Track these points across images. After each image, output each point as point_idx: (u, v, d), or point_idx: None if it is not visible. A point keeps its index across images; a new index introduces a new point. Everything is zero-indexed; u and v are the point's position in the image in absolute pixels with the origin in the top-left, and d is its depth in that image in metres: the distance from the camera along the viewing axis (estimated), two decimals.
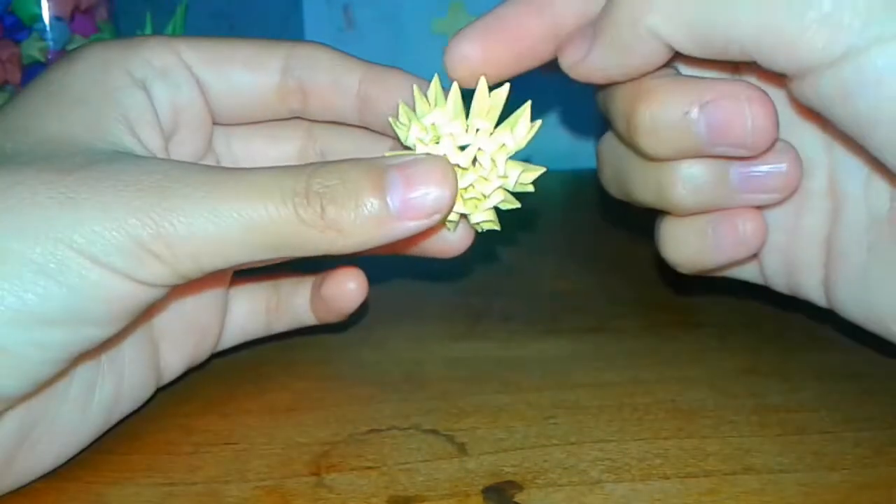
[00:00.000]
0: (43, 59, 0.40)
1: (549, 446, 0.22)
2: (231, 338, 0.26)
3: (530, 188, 0.22)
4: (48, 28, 0.40)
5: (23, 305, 0.17)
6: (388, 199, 0.19)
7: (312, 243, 0.19)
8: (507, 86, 0.21)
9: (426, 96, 0.21)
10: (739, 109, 0.19)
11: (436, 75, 0.21)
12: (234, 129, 0.25)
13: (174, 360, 0.24)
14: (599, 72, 0.21)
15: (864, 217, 0.21)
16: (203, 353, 0.25)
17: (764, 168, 0.21)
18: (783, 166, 0.21)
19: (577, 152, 0.60)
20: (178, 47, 0.22)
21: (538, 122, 0.21)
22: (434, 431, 0.23)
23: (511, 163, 0.21)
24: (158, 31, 0.47)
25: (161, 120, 0.22)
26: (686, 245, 0.23)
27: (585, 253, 0.39)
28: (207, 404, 0.24)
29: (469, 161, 0.21)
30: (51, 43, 0.40)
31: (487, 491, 0.20)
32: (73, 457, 0.21)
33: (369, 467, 0.21)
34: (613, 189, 0.24)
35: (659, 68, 0.21)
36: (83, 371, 0.20)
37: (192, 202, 0.18)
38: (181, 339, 0.24)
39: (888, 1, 0.17)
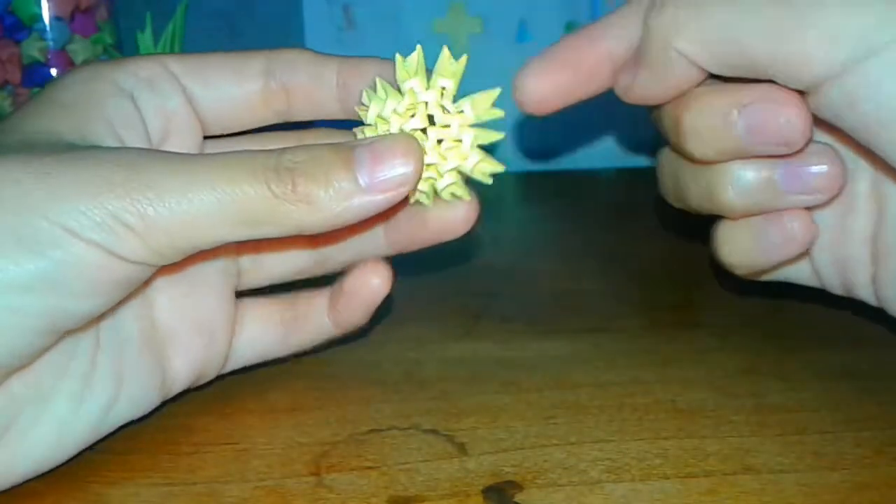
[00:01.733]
0: (43, 59, 0.40)
1: (549, 446, 0.22)
2: (243, 354, 0.26)
3: (488, 180, 0.22)
4: (48, 28, 0.40)
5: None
6: (357, 175, 0.19)
7: (285, 218, 0.19)
8: (465, 56, 0.22)
9: (405, 65, 0.22)
10: (774, 110, 0.21)
11: (418, 46, 0.22)
12: (221, 144, 0.25)
13: (181, 366, 0.23)
14: (646, 94, 0.23)
15: None
16: (212, 362, 0.24)
17: (808, 169, 0.22)
18: (824, 167, 0.22)
19: (577, 153, 0.60)
20: (164, 60, 0.23)
21: (497, 90, 0.22)
22: (434, 431, 0.23)
23: (476, 150, 0.22)
24: (158, 31, 0.47)
25: (149, 127, 0.22)
26: (740, 247, 0.24)
27: (585, 253, 0.39)
28: (208, 404, 0.24)
29: (434, 138, 0.21)
30: (51, 43, 0.40)
31: (487, 491, 0.20)
32: (71, 457, 0.21)
33: (369, 467, 0.21)
34: (672, 199, 0.26)
35: (696, 86, 0.23)
36: (78, 363, 0.20)
37: (167, 177, 0.18)
38: (186, 341, 0.23)
39: (879, 15, 0.19)
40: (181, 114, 0.23)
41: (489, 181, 0.22)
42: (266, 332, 0.26)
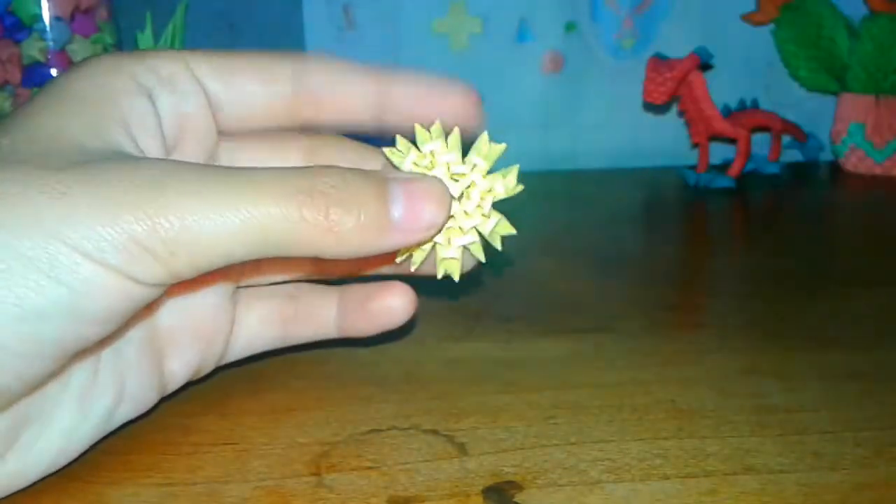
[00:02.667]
0: (43, 60, 0.40)
1: (549, 446, 0.22)
2: (241, 348, 0.26)
3: (521, 186, 0.22)
4: (48, 28, 0.40)
5: (14, 299, 0.17)
6: (391, 210, 0.19)
7: (310, 244, 0.19)
8: (504, 144, 0.22)
9: (428, 130, 0.22)
10: None
11: (437, 119, 0.22)
12: (237, 143, 0.25)
13: (179, 368, 0.23)
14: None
15: None
16: (209, 361, 0.24)
17: None
18: None
19: (576, 153, 0.60)
20: (186, 58, 0.22)
21: (516, 168, 0.22)
22: (434, 431, 0.23)
23: (490, 176, 0.22)
24: (158, 31, 0.47)
25: (164, 128, 0.22)
26: None
27: (585, 253, 0.39)
28: (207, 404, 0.24)
29: (458, 193, 0.22)
30: (51, 43, 0.40)
31: (487, 491, 0.20)
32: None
33: (369, 467, 0.21)
34: None
35: None
36: (81, 374, 0.20)
37: (189, 198, 0.18)
38: (186, 345, 0.23)
39: None
40: (198, 116, 0.23)
41: (499, 247, 0.22)
42: (265, 329, 0.26)
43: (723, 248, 0.41)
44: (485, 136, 0.22)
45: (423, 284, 0.26)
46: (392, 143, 0.22)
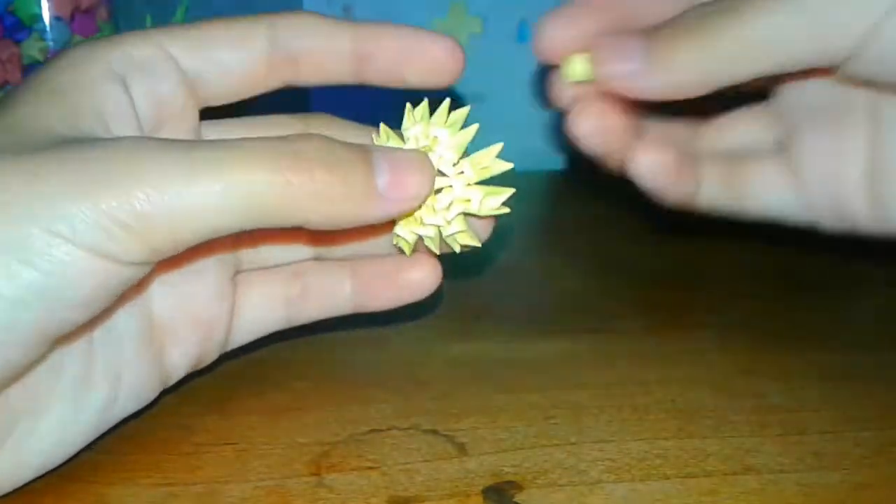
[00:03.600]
0: (43, 60, 0.40)
1: (549, 446, 0.22)
2: (245, 332, 0.25)
3: (504, 210, 0.22)
4: (48, 28, 0.40)
5: None
6: (376, 177, 0.19)
7: (297, 210, 0.18)
8: (466, 108, 0.22)
9: (413, 114, 0.22)
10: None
11: (425, 100, 0.22)
12: (224, 128, 0.24)
13: (179, 358, 0.23)
14: (667, 88, 0.23)
15: None
16: (212, 348, 0.24)
17: None
18: None
19: (576, 153, 0.60)
20: (159, 39, 0.22)
21: (507, 210, 0.22)
22: (434, 431, 0.23)
23: (476, 186, 0.22)
24: None
25: (140, 114, 0.21)
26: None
27: (585, 253, 0.39)
28: (207, 404, 0.24)
29: (437, 186, 0.21)
30: (51, 43, 0.40)
31: (487, 491, 0.20)
32: (71, 457, 0.21)
33: (369, 467, 0.21)
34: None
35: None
36: (74, 364, 0.20)
37: (166, 168, 0.17)
38: (185, 334, 0.23)
39: None
40: (175, 97, 0.22)
41: (507, 210, 0.22)
42: (269, 310, 0.25)
43: (722, 248, 0.41)
44: (494, 149, 0.22)
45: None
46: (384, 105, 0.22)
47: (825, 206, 0.25)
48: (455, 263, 0.25)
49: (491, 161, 0.22)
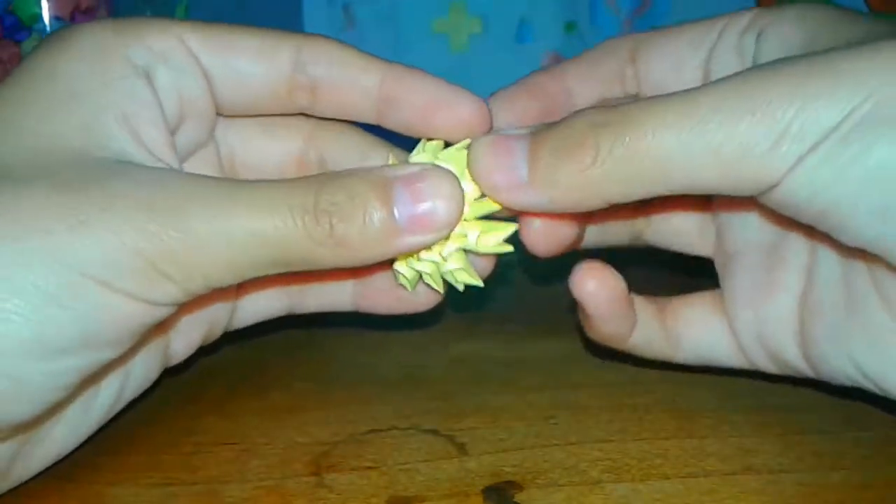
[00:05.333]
0: None
1: (549, 446, 0.22)
2: (245, 319, 0.25)
3: (506, 248, 0.21)
4: (48, 28, 0.40)
5: (37, 336, 0.16)
6: (396, 212, 0.19)
7: (321, 259, 0.19)
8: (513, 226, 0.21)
9: (424, 145, 0.22)
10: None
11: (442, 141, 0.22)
12: (234, 123, 0.24)
13: (181, 347, 0.23)
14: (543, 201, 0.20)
15: (841, 269, 0.21)
16: (213, 334, 0.24)
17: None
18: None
19: None
20: (180, 31, 0.21)
21: (509, 248, 0.21)
22: (434, 431, 0.23)
23: (475, 221, 0.21)
24: None
25: (166, 112, 0.21)
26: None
27: (585, 253, 0.39)
28: (207, 404, 0.24)
29: None
30: None
31: (487, 491, 0.20)
32: (71, 457, 0.21)
33: (369, 467, 0.21)
34: None
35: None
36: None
37: (203, 221, 0.18)
38: (187, 327, 0.23)
39: (802, 122, 0.17)
40: (198, 95, 0.21)
41: (510, 248, 0.22)
42: (270, 301, 0.25)
43: None
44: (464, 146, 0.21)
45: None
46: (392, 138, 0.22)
47: (758, 348, 0.23)
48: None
49: (499, 240, 0.21)
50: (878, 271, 0.19)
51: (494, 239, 0.21)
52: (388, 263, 0.22)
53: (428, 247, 0.20)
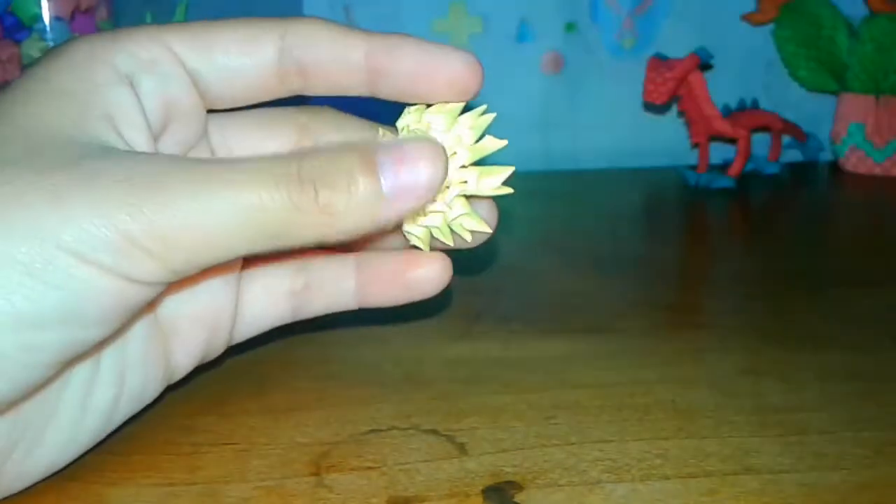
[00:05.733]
0: None
1: (549, 446, 0.22)
2: (249, 327, 0.25)
3: (506, 190, 0.22)
4: (48, 28, 0.40)
5: (11, 308, 0.16)
6: (381, 179, 0.19)
7: (306, 230, 0.19)
8: (492, 115, 0.22)
9: (410, 108, 0.22)
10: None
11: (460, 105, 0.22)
12: (229, 120, 0.24)
13: (182, 356, 0.23)
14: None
15: None
16: (215, 345, 0.24)
17: None
18: None
19: (576, 153, 0.60)
20: (165, 37, 0.21)
21: (509, 190, 0.22)
22: (434, 431, 0.23)
23: (472, 167, 0.21)
24: None
25: (149, 117, 0.21)
26: None
27: (585, 253, 0.39)
28: (207, 404, 0.24)
29: None
30: (51, 43, 0.40)
31: (487, 491, 0.20)
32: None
33: (369, 467, 0.21)
34: None
35: None
36: (79, 375, 0.20)
37: (184, 194, 0.17)
38: (188, 332, 0.23)
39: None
40: (183, 97, 0.22)
41: (510, 190, 0.22)
42: (273, 305, 0.25)
43: (723, 248, 0.41)
44: (486, 119, 0.22)
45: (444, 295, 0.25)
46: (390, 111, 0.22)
47: None
48: (455, 263, 0.25)
49: (497, 182, 0.21)
50: None
51: (494, 181, 0.21)
52: (377, 236, 0.23)
53: (416, 212, 0.21)
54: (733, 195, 0.50)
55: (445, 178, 0.20)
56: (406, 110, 0.22)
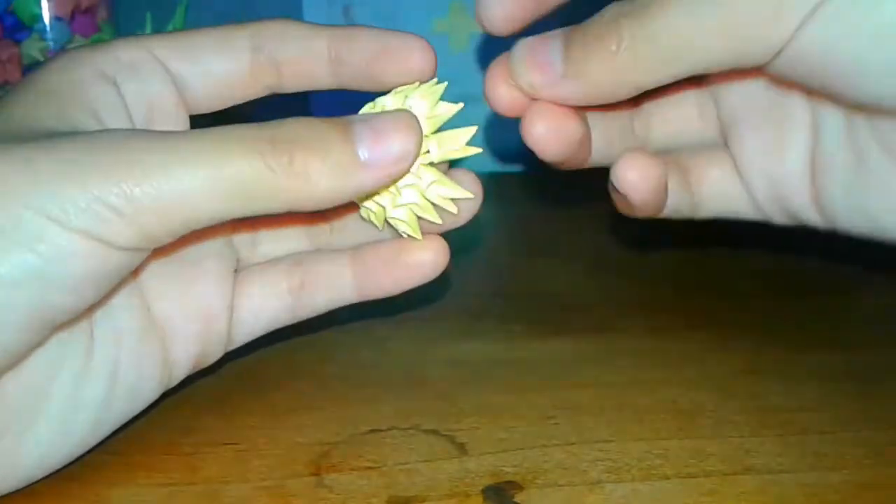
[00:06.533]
0: (43, 59, 0.40)
1: (549, 446, 0.22)
2: (248, 326, 0.25)
3: (474, 150, 0.22)
4: (48, 28, 0.40)
5: None
6: (357, 148, 0.19)
7: (281, 193, 0.19)
8: (444, 84, 0.22)
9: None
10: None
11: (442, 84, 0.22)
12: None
13: (179, 355, 0.23)
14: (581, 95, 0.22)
15: (844, 126, 0.22)
16: (213, 345, 0.24)
17: None
18: None
19: None
20: (147, 43, 0.23)
21: (476, 150, 0.22)
22: (434, 431, 0.23)
23: (432, 136, 0.22)
24: (158, 31, 0.47)
25: (132, 114, 0.22)
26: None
27: (585, 253, 0.39)
28: (207, 404, 0.24)
29: None
30: (51, 43, 0.40)
31: (487, 491, 0.20)
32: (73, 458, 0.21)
33: (369, 467, 0.21)
34: None
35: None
36: (70, 366, 0.20)
37: (156, 156, 0.18)
38: (183, 329, 0.23)
39: None
40: (165, 98, 0.23)
41: (475, 151, 0.22)
42: (271, 303, 0.25)
43: (722, 248, 0.41)
44: (467, 131, 0.22)
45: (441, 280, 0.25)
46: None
47: (772, 204, 0.25)
48: (456, 263, 0.25)
49: (460, 143, 0.22)
50: (881, 123, 0.21)
51: (456, 143, 0.22)
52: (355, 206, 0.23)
53: (391, 182, 0.21)
54: None
55: (420, 147, 0.20)
56: (365, 106, 0.23)
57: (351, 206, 0.23)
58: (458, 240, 0.24)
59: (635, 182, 0.24)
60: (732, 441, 0.22)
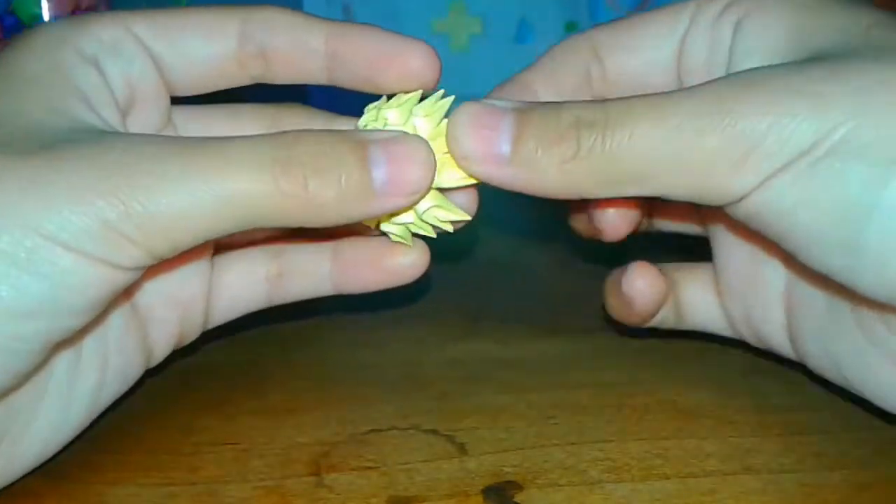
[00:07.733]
0: None
1: (549, 446, 0.22)
2: (225, 311, 0.25)
3: (471, 180, 0.21)
4: None
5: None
6: (373, 174, 0.19)
7: (290, 216, 0.18)
8: (450, 98, 0.22)
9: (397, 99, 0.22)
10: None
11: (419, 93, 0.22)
12: (199, 112, 0.24)
13: (159, 338, 0.23)
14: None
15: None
16: (191, 327, 0.24)
17: None
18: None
19: None
20: (128, 21, 0.22)
21: (473, 180, 0.21)
22: (434, 431, 0.23)
23: (435, 193, 0.21)
24: None
25: (116, 96, 0.21)
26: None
27: (585, 253, 0.39)
28: (207, 404, 0.24)
29: None
30: None
31: (487, 491, 0.20)
32: (71, 457, 0.21)
33: (369, 467, 0.21)
34: None
35: None
36: (64, 362, 0.20)
37: (161, 178, 0.17)
38: (162, 314, 0.23)
39: (772, 141, 0.17)
40: (146, 79, 0.22)
41: (449, 228, 0.22)
42: (248, 290, 0.25)
43: None
44: (436, 96, 0.22)
45: (422, 282, 0.25)
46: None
47: (747, 328, 0.25)
48: (455, 263, 0.25)
49: (443, 125, 0.21)
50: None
51: (456, 173, 0.21)
52: (358, 227, 0.22)
53: (400, 210, 0.21)
54: None
55: (433, 178, 0.20)
56: (366, 109, 0.22)
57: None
58: (457, 240, 0.24)
59: (643, 289, 0.24)
60: (732, 441, 0.22)
